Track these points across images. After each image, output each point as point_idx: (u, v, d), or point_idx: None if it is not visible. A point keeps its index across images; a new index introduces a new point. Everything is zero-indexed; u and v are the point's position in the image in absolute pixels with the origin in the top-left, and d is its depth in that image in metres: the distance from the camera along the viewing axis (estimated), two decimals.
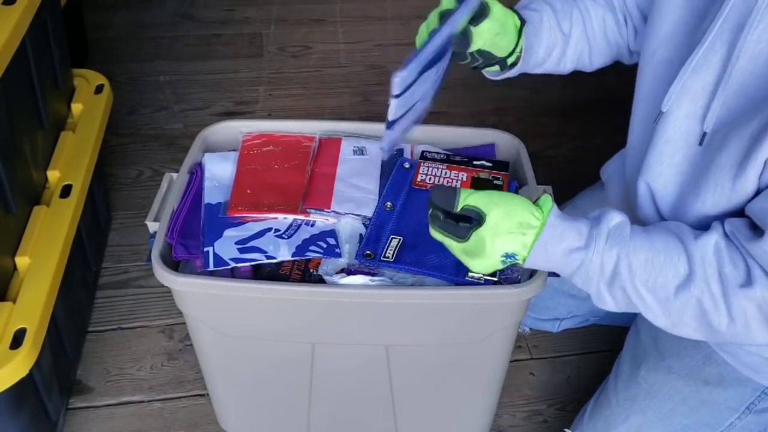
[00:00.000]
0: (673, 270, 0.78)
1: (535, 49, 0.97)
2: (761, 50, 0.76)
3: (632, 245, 0.79)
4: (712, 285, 0.77)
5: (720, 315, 0.77)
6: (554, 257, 0.80)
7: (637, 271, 0.78)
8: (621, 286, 0.80)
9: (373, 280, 0.91)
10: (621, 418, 1.04)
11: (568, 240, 0.79)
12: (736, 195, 0.80)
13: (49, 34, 1.28)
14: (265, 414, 1.17)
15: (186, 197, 1.01)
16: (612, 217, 0.80)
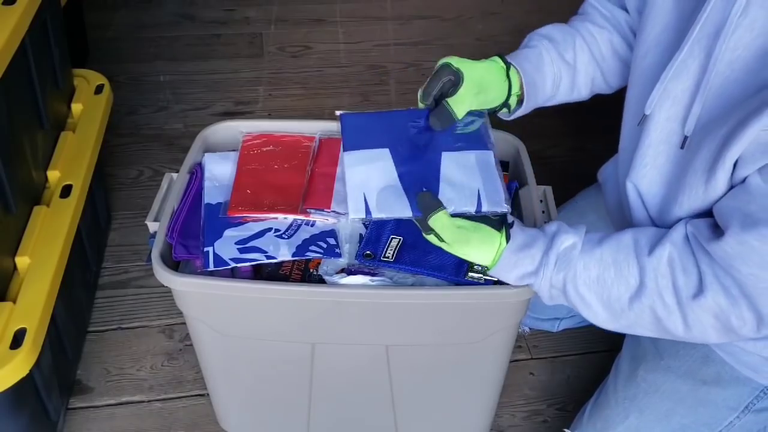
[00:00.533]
0: (624, 283, 0.82)
1: (540, 84, 1.00)
2: (738, 56, 0.77)
3: (581, 265, 0.84)
4: (666, 296, 0.80)
5: (675, 323, 0.81)
6: (507, 279, 0.88)
7: (589, 286, 0.84)
8: (570, 300, 0.86)
9: (373, 280, 0.91)
10: (620, 417, 1.04)
11: (520, 267, 0.86)
12: (709, 198, 0.82)
13: (49, 34, 1.28)
14: (265, 414, 1.17)
15: (186, 197, 1.01)
16: (563, 240, 0.85)
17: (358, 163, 0.91)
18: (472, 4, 2.38)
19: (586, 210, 1.23)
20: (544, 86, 1.01)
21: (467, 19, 2.32)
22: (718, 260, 0.77)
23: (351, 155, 0.92)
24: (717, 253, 0.77)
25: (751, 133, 0.73)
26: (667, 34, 0.88)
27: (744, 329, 0.79)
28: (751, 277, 0.75)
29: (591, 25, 1.05)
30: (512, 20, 2.31)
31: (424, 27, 2.28)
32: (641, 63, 0.93)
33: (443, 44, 2.20)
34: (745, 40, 0.76)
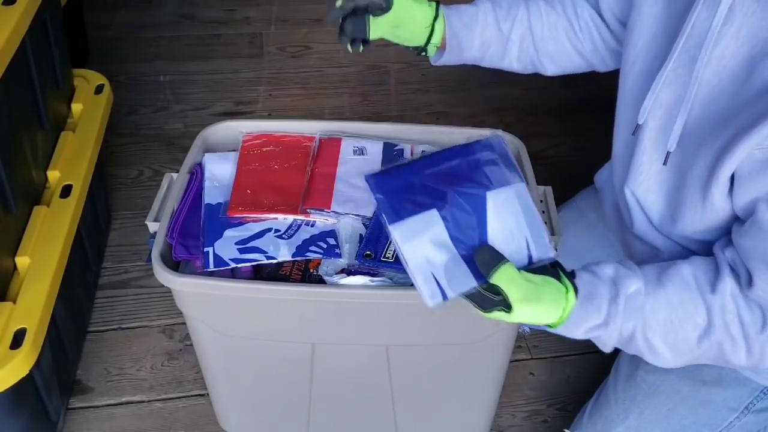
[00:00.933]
0: (692, 323, 0.79)
1: (465, 43, 1.01)
2: (725, 65, 0.77)
3: (649, 309, 0.79)
4: (733, 331, 0.79)
5: (739, 354, 0.80)
6: (573, 334, 0.81)
7: (656, 331, 0.80)
8: (636, 347, 0.82)
9: (373, 280, 0.91)
10: (620, 418, 1.04)
11: (588, 322, 0.80)
12: (708, 214, 0.82)
13: (49, 34, 1.28)
14: (265, 414, 1.17)
15: (186, 197, 1.01)
16: (627, 285, 0.80)
17: (410, 236, 0.80)
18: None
19: (586, 210, 1.23)
20: (471, 46, 1.02)
21: None
22: (760, 302, 0.78)
23: (399, 228, 0.80)
24: (757, 295, 0.77)
25: (743, 150, 0.73)
26: (656, 42, 0.89)
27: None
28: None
29: (543, 3, 1.04)
30: None
31: None
32: (630, 71, 0.93)
33: None
34: (731, 49, 0.76)
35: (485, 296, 0.76)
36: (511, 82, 2.07)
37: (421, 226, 0.80)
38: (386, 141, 1.09)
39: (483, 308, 0.77)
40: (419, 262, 0.79)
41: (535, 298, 0.76)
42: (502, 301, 0.75)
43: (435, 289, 0.78)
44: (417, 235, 0.80)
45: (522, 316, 0.76)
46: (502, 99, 1.99)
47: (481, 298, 0.77)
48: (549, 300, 0.77)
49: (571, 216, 1.23)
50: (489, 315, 0.78)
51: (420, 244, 0.79)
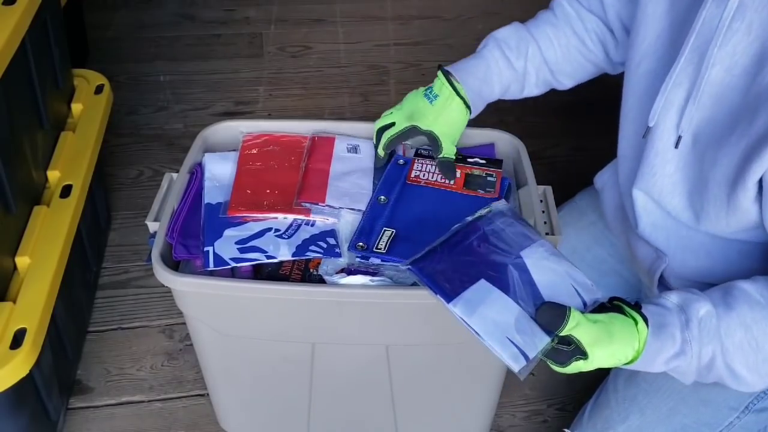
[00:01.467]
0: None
1: (486, 94, 1.05)
2: (736, 61, 0.77)
3: (723, 332, 0.77)
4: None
5: None
6: (652, 368, 0.79)
7: (734, 354, 0.78)
8: (716, 374, 0.80)
9: (373, 280, 0.91)
10: (620, 417, 1.04)
11: (664, 352, 0.78)
12: (734, 215, 0.81)
13: (49, 34, 1.28)
14: (265, 414, 1.17)
15: (186, 197, 1.01)
16: (698, 308, 0.78)
17: (473, 307, 0.79)
18: (472, 4, 2.38)
19: (586, 210, 1.23)
20: (492, 94, 1.06)
21: (467, 19, 2.32)
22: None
23: (459, 303, 0.79)
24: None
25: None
26: (661, 41, 0.88)
27: None
28: None
29: (551, 28, 1.07)
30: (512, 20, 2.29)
31: (424, 27, 2.27)
32: (636, 71, 0.93)
33: (443, 44, 2.20)
34: (743, 45, 0.76)
35: (559, 350, 0.75)
36: None
37: (478, 296, 0.80)
38: None
39: (560, 363, 0.75)
40: (491, 329, 0.77)
41: (607, 336, 0.74)
42: (576, 350, 0.74)
43: (515, 351, 0.75)
44: (478, 305, 0.79)
45: (599, 359, 0.74)
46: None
47: (556, 353, 0.75)
48: (621, 336, 0.75)
49: (572, 216, 1.23)
50: (567, 369, 0.75)
51: (484, 312, 0.78)
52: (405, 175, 1.04)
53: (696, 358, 0.78)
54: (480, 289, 0.80)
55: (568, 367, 0.75)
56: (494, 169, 1.04)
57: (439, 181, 1.03)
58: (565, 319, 0.73)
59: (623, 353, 0.75)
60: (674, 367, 0.79)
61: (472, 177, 1.03)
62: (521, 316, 0.77)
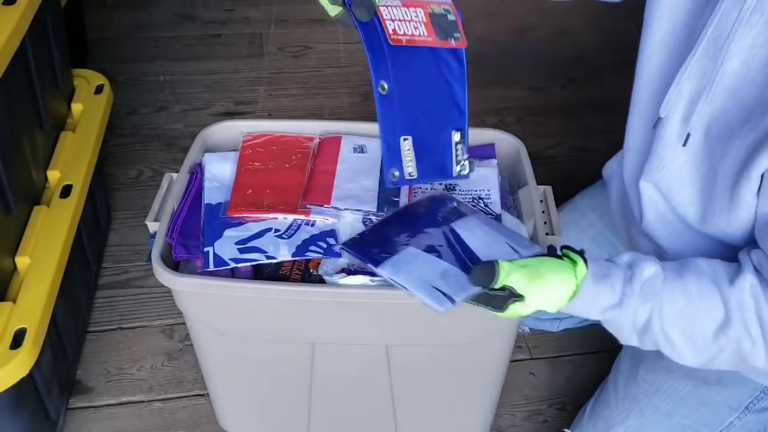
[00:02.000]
0: (709, 316, 0.78)
1: None
2: (755, 54, 0.76)
3: (666, 296, 0.79)
4: (752, 328, 0.77)
5: (758, 354, 0.78)
6: (588, 313, 0.81)
7: (672, 321, 0.79)
8: (652, 337, 0.81)
9: (373, 280, 0.91)
10: (620, 418, 1.04)
11: (602, 299, 0.79)
12: (735, 210, 0.81)
13: (49, 34, 1.28)
14: (265, 414, 1.17)
15: (186, 197, 1.01)
16: (644, 268, 0.79)
17: (399, 267, 0.83)
18: (472, 4, 2.38)
19: (586, 210, 1.23)
20: None
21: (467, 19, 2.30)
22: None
23: (386, 266, 0.84)
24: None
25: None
26: (676, 35, 0.88)
27: None
28: None
29: None
30: (512, 20, 2.31)
31: None
32: (647, 63, 0.92)
33: None
34: (762, 39, 0.75)
35: (494, 296, 0.78)
36: (511, 82, 2.08)
37: (406, 259, 0.85)
38: None
39: (497, 308, 0.78)
40: (416, 282, 0.81)
41: (537, 276, 0.76)
42: (511, 294, 0.76)
43: (441, 296, 0.79)
44: (406, 265, 0.84)
45: (535, 299, 0.77)
46: (502, 99, 1.99)
47: (491, 298, 0.78)
48: (552, 276, 0.77)
49: (572, 216, 1.23)
50: (506, 314, 0.78)
51: (412, 269, 0.82)
52: (384, 36, 0.87)
53: (632, 314, 0.79)
54: (408, 254, 0.86)
55: (506, 312, 0.78)
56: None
57: (417, 34, 0.89)
58: (495, 273, 0.76)
59: (557, 294, 0.78)
60: (610, 319, 0.81)
61: (436, 18, 0.91)
62: (450, 269, 0.81)
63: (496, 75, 2.06)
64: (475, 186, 1.04)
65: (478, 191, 1.03)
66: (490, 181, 1.04)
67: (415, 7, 0.90)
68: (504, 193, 1.04)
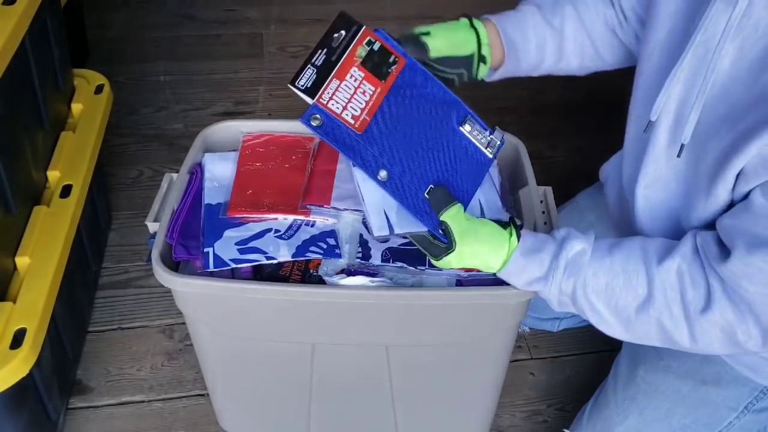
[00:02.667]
0: (633, 293, 0.81)
1: (521, 46, 1.01)
2: (743, 56, 0.77)
3: (591, 272, 0.83)
4: (674, 308, 0.80)
5: (682, 335, 0.81)
6: (519, 283, 0.86)
7: (597, 295, 0.82)
8: (580, 307, 0.84)
9: (373, 281, 0.91)
10: (620, 418, 1.04)
11: (529, 272, 0.84)
12: (710, 208, 0.82)
13: (50, 35, 1.28)
14: (265, 414, 1.17)
15: (186, 198, 1.01)
16: (573, 246, 0.84)
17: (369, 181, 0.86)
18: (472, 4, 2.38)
19: (586, 210, 1.23)
20: (527, 48, 1.01)
21: None
22: (726, 279, 0.77)
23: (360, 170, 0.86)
24: (724, 272, 0.77)
25: (753, 149, 0.73)
26: (672, 39, 0.88)
27: (749, 343, 0.79)
28: (758, 295, 0.75)
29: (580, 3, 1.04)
30: None
31: None
32: (645, 67, 0.93)
33: None
34: (750, 42, 0.76)
35: (433, 243, 0.84)
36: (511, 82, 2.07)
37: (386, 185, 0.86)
38: None
39: (433, 255, 0.85)
40: (375, 199, 0.87)
41: (474, 234, 0.83)
42: (449, 247, 0.83)
43: (384, 222, 0.86)
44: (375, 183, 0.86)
45: (465, 254, 0.83)
46: (502, 99, 1.98)
47: (430, 244, 0.84)
48: (488, 240, 0.84)
49: (571, 217, 1.23)
50: (441, 263, 0.85)
51: (378, 189, 0.86)
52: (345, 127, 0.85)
53: (557, 288, 0.84)
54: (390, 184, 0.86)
55: (441, 261, 0.84)
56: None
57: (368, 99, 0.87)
58: (450, 205, 0.83)
59: (487, 258, 0.84)
60: (538, 290, 0.86)
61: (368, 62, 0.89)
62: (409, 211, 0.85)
63: None
64: None
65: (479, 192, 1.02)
66: (490, 181, 1.04)
67: (349, 70, 0.88)
68: (504, 193, 1.04)
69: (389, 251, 0.94)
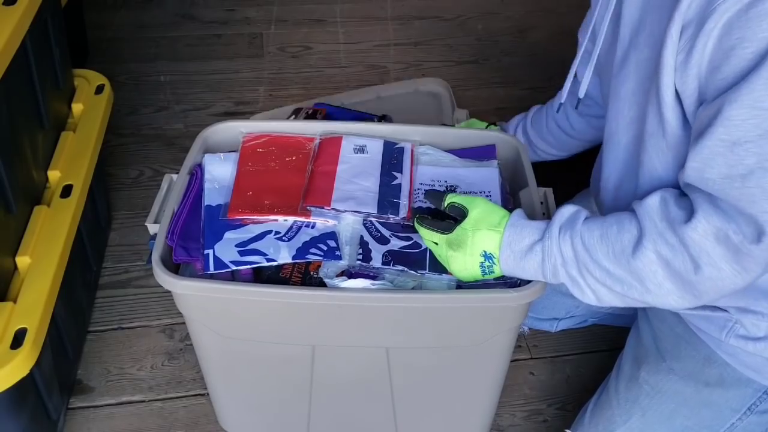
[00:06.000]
0: (628, 235, 0.83)
1: None
2: None
3: (585, 227, 0.85)
4: (666, 233, 0.80)
5: (684, 261, 0.79)
6: (520, 255, 0.87)
7: (595, 246, 0.84)
8: (587, 269, 0.84)
9: (373, 283, 0.91)
10: (622, 419, 1.04)
11: (527, 236, 0.87)
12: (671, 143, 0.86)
13: (50, 35, 1.28)
14: (266, 414, 1.18)
15: (186, 199, 1.01)
16: (564, 211, 0.88)
17: None
18: (472, 4, 2.38)
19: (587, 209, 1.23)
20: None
21: (467, 19, 2.32)
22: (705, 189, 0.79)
23: None
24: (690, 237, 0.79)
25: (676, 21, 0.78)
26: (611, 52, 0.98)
27: (745, 243, 0.76)
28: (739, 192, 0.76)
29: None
30: (512, 20, 2.31)
31: (424, 27, 2.27)
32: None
33: (443, 44, 2.19)
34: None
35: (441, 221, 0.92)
36: (511, 82, 2.08)
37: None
38: (386, 139, 1.09)
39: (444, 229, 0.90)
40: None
41: (476, 199, 0.92)
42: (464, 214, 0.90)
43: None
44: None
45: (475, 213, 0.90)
46: (503, 99, 1.98)
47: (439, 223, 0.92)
48: (485, 205, 0.91)
49: None
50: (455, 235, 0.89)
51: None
52: None
53: (556, 243, 0.86)
54: None
55: (456, 233, 0.90)
56: None
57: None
58: (444, 195, 0.94)
59: (497, 214, 0.90)
60: (541, 259, 0.86)
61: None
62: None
63: (496, 75, 2.06)
64: (476, 187, 1.04)
65: (479, 192, 1.03)
66: (491, 182, 1.04)
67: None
68: (505, 195, 1.04)
69: (390, 254, 0.94)
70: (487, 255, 0.88)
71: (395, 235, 0.98)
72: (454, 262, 0.90)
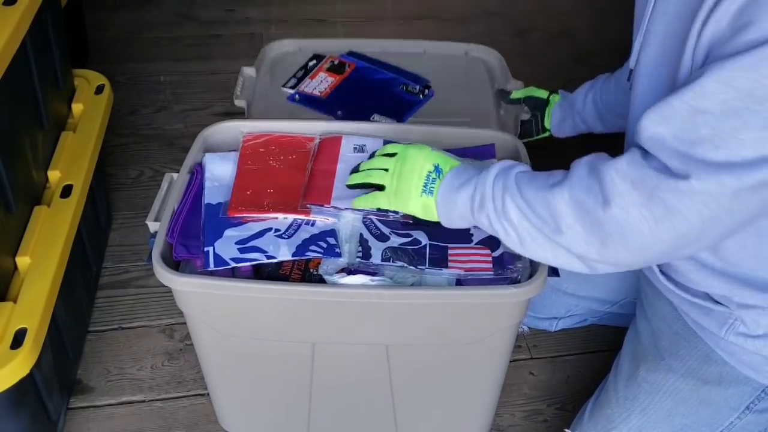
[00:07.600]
0: (553, 178, 0.84)
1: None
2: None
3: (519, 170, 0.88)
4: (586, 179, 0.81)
5: (596, 196, 0.79)
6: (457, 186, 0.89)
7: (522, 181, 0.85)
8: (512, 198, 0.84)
9: (373, 279, 0.91)
10: (621, 417, 1.04)
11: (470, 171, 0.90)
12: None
13: (50, 35, 1.28)
14: (265, 414, 1.18)
15: (186, 197, 1.01)
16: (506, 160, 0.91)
17: None
18: (472, 4, 2.38)
19: None
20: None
21: (467, 19, 2.32)
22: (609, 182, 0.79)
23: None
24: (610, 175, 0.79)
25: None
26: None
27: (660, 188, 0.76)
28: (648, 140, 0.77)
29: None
30: (512, 20, 2.31)
31: (424, 27, 2.28)
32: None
33: None
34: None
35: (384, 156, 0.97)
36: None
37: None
38: (386, 139, 1.09)
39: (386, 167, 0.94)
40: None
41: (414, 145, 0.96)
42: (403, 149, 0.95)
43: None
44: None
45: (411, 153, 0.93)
46: None
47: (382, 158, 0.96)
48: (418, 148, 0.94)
49: None
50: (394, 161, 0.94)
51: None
52: None
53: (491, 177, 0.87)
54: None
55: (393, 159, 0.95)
56: None
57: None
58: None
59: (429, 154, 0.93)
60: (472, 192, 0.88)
61: None
62: None
63: None
64: None
65: None
66: None
67: (318, 74, 1.42)
68: None
69: (389, 250, 0.94)
70: (438, 168, 0.91)
71: (395, 232, 0.98)
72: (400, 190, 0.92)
